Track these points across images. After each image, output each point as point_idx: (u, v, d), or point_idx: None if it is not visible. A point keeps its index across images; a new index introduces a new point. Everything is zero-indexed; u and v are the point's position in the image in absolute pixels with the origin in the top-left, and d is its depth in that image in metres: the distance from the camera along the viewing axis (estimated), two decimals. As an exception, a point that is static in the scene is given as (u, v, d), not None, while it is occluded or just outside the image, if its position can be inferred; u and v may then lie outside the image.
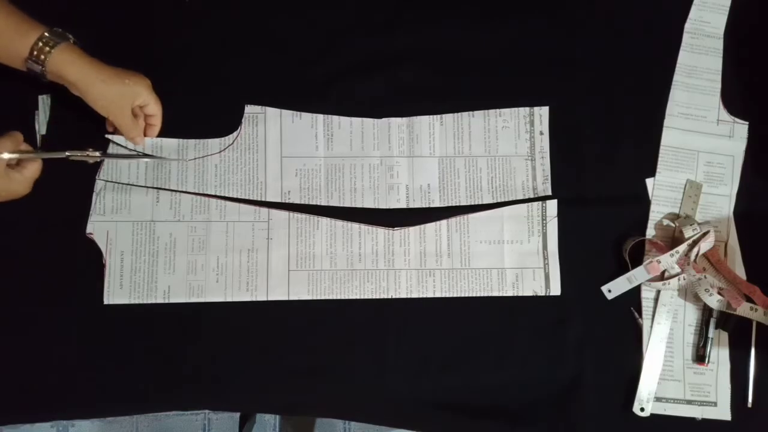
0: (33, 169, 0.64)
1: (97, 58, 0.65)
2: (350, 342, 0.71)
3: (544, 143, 0.75)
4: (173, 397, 0.70)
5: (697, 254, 0.73)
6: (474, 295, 0.73)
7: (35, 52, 0.62)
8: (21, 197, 0.65)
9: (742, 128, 0.78)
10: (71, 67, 0.63)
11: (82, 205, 0.70)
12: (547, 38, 0.78)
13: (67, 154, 0.67)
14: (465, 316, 0.73)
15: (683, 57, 0.79)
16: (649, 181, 0.76)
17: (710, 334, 0.73)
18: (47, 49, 0.62)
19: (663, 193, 0.76)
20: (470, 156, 0.75)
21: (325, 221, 0.73)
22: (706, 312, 0.74)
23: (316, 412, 0.83)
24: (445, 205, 0.74)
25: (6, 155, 0.61)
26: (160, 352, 0.69)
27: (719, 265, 0.75)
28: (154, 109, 0.69)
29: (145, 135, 0.71)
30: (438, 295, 0.73)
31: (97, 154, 0.68)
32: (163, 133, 0.72)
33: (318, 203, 0.73)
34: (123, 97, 0.66)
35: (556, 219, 0.74)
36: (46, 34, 0.63)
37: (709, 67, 0.79)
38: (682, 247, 0.73)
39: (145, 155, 0.71)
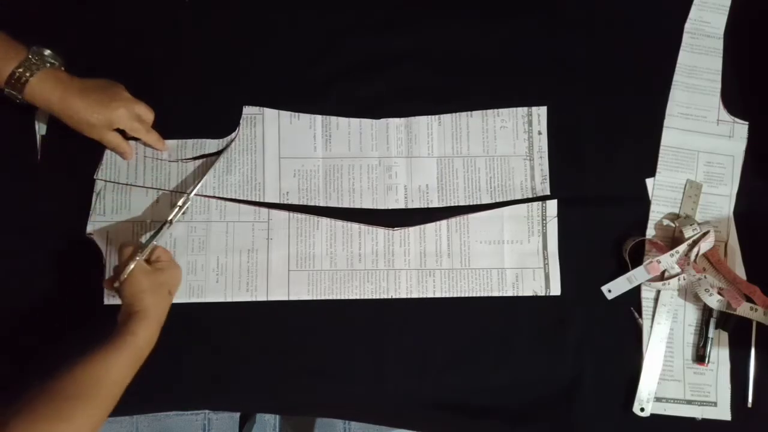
0: (164, 254, 0.66)
1: (96, 58, 0.65)
2: (350, 342, 0.71)
3: (542, 143, 0.75)
4: (173, 397, 0.70)
5: (697, 254, 0.73)
6: (474, 295, 0.73)
7: (12, 81, 0.62)
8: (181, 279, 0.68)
9: (742, 128, 0.78)
10: (43, 102, 0.64)
11: (82, 205, 0.71)
12: (546, 38, 0.78)
13: (169, 219, 0.68)
14: (465, 316, 0.73)
15: (683, 57, 0.79)
16: (649, 181, 0.76)
17: (710, 334, 0.73)
18: (23, 79, 0.62)
19: (663, 193, 0.76)
20: (468, 156, 0.75)
21: (325, 221, 0.73)
22: (706, 312, 0.74)
23: (316, 412, 0.83)
24: (444, 205, 0.74)
25: (139, 258, 0.62)
26: (160, 352, 0.69)
27: (719, 265, 0.75)
28: (136, 127, 0.68)
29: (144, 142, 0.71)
30: (438, 295, 0.73)
31: (188, 198, 0.70)
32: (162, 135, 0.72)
33: (316, 204, 0.73)
34: (94, 127, 0.66)
35: (556, 219, 0.74)
36: (22, 66, 0.62)
37: (709, 67, 0.79)
38: (682, 247, 0.73)
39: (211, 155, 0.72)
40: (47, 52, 0.65)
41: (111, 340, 0.57)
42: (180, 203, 0.69)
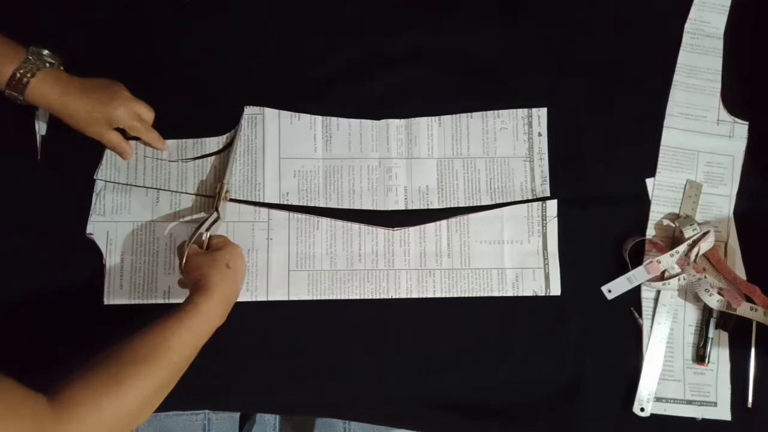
0: (218, 238, 0.67)
1: (96, 58, 0.65)
2: (350, 342, 0.71)
3: (542, 144, 0.75)
4: (173, 397, 0.70)
5: (697, 254, 0.73)
6: (474, 295, 0.73)
7: (13, 82, 0.62)
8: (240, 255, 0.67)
9: (742, 128, 0.78)
10: (42, 102, 0.64)
11: (82, 205, 0.71)
12: (546, 38, 0.78)
13: (215, 207, 0.68)
14: (465, 316, 0.73)
15: (683, 57, 0.79)
16: (649, 181, 0.76)
17: (710, 334, 0.73)
18: (24, 80, 0.62)
19: (663, 193, 0.76)
20: (468, 157, 0.75)
21: (325, 221, 0.73)
22: (706, 312, 0.74)
23: (316, 412, 0.83)
24: (444, 206, 0.74)
25: (195, 246, 0.65)
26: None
27: (719, 265, 0.75)
28: (136, 127, 0.68)
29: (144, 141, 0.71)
30: (438, 295, 0.73)
31: (223, 184, 0.70)
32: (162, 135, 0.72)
33: (316, 205, 0.73)
34: (93, 126, 0.66)
35: (556, 219, 0.74)
36: (22, 68, 0.62)
37: (709, 67, 0.79)
38: (682, 247, 0.73)
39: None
40: (45, 51, 0.65)
41: (173, 311, 0.57)
42: (217, 190, 0.70)
